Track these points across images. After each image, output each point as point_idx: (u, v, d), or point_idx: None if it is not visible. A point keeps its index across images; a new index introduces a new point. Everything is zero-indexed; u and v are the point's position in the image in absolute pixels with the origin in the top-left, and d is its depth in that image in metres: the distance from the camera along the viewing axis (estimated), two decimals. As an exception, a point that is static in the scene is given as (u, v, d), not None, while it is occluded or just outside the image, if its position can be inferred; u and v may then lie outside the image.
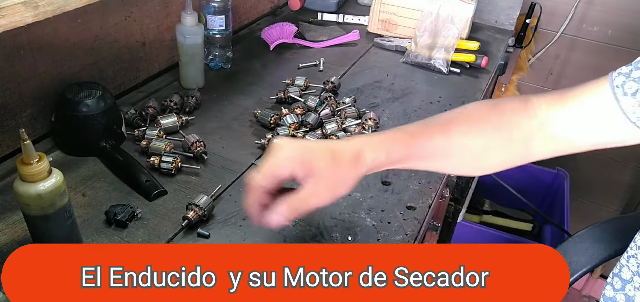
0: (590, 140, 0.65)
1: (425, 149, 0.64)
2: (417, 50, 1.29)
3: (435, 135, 0.65)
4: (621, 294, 0.75)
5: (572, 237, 1.01)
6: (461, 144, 0.66)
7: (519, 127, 0.66)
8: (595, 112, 0.63)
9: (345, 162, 0.59)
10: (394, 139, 0.63)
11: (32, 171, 0.58)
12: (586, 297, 2.23)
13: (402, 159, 0.63)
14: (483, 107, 0.69)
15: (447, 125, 0.66)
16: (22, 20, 0.65)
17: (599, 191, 1.98)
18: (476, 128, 0.66)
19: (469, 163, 0.68)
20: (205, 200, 0.74)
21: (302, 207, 0.58)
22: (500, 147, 0.67)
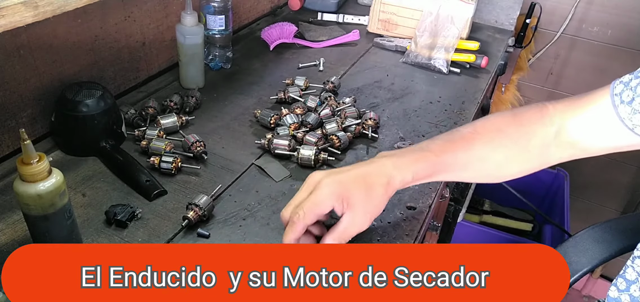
0: (599, 146, 0.69)
1: (449, 165, 0.69)
2: (417, 50, 1.29)
3: (458, 150, 0.70)
4: (626, 295, 0.75)
5: (572, 237, 1.01)
6: (482, 157, 0.70)
7: (536, 136, 0.70)
8: (599, 119, 0.66)
9: (378, 189, 0.65)
10: (419, 159, 0.68)
11: (32, 171, 0.58)
12: (586, 297, 2.23)
13: (427, 176, 0.69)
14: (502, 120, 0.73)
15: (469, 141, 0.70)
16: (22, 20, 0.65)
17: (599, 191, 1.98)
18: (497, 141, 0.71)
19: (489, 174, 0.73)
20: (205, 200, 0.74)
21: (344, 236, 0.65)
22: (519, 157, 0.72)
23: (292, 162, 0.89)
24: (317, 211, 0.63)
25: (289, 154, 0.88)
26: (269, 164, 0.88)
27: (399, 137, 0.99)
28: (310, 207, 0.63)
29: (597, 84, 0.69)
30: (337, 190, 0.63)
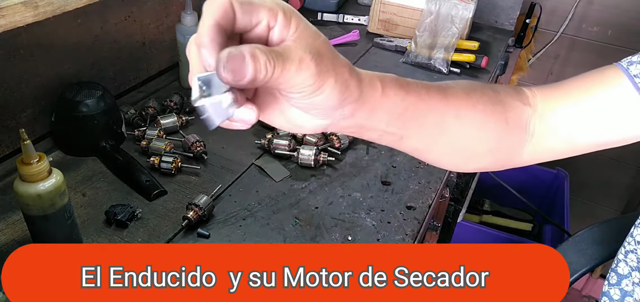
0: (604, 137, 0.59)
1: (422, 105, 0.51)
2: (417, 50, 1.29)
3: (434, 94, 0.52)
4: (615, 289, 0.75)
5: (572, 237, 1.01)
6: (458, 114, 0.54)
7: (514, 110, 0.58)
8: (615, 107, 0.57)
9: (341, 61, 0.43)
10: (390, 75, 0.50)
11: (32, 171, 0.58)
12: (586, 297, 2.23)
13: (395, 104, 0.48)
14: (479, 84, 0.58)
15: (444, 90, 0.53)
16: (22, 20, 0.65)
17: (599, 191, 1.98)
18: (474, 98, 0.55)
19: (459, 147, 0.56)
20: (205, 200, 0.74)
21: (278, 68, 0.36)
22: (496, 129, 0.57)
23: (292, 162, 0.89)
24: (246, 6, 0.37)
25: (289, 154, 0.88)
26: (269, 164, 0.88)
27: (399, 137, 0.99)
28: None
29: None
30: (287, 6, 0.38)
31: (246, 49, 0.35)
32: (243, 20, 0.38)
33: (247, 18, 0.38)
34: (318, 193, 0.82)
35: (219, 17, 0.37)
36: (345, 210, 0.79)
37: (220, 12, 0.37)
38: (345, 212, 0.79)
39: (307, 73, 0.38)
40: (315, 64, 0.39)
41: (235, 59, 0.35)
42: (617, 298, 0.75)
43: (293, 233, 0.74)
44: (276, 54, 0.36)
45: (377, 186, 0.85)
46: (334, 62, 0.42)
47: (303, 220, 0.76)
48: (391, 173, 0.88)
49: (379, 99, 0.47)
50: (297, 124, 0.44)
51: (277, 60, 0.36)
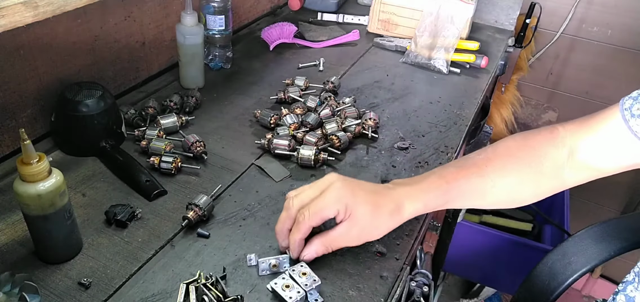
0: (614, 165, 0.68)
1: (461, 192, 0.68)
2: (417, 50, 1.29)
3: (471, 176, 0.68)
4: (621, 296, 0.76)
5: (572, 237, 1.01)
6: (496, 183, 0.69)
7: (548, 158, 0.70)
8: (611, 137, 0.66)
9: (384, 214, 0.65)
10: (431, 187, 0.67)
11: (32, 171, 0.58)
12: (586, 297, 2.23)
13: (439, 205, 0.68)
14: (513, 143, 0.73)
15: (481, 167, 0.69)
16: (22, 20, 0.65)
17: (599, 191, 1.98)
18: (509, 166, 0.70)
19: (503, 200, 0.71)
20: (205, 200, 0.74)
21: (332, 245, 0.66)
22: (533, 181, 0.71)
23: (292, 162, 0.89)
24: (321, 215, 0.63)
25: (289, 154, 0.88)
26: (269, 164, 0.88)
27: (399, 137, 0.99)
28: (316, 211, 0.63)
29: (597, 84, 0.69)
30: (345, 198, 0.63)
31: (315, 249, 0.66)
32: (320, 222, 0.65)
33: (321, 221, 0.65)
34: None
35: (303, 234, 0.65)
36: (345, 210, 0.79)
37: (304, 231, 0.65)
38: (345, 212, 0.79)
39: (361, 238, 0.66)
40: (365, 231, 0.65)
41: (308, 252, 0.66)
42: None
43: (293, 233, 0.74)
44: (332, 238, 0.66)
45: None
46: (375, 224, 0.65)
47: (303, 220, 0.76)
48: (391, 173, 0.88)
49: (422, 210, 0.67)
50: None
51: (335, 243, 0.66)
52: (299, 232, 0.64)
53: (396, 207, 0.65)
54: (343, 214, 0.63)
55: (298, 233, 0.64)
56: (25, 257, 0.67)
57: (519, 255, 1.66)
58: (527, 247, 1.65)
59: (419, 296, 0.81)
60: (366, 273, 0.68)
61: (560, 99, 1.88)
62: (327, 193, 0.64)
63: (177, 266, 0.67)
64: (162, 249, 0.70)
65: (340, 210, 0.63)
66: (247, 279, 0.66)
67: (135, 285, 0.64)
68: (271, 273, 0.67)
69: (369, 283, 0.67)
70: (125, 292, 0.63)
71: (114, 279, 0.65)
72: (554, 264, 0.99)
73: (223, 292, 0.62)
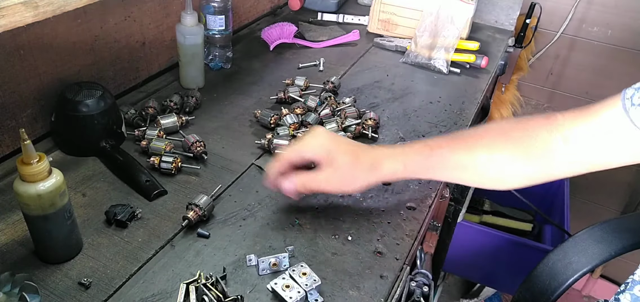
0: (608, 158, 0.66)
1: (445, 162, 0.69)
2: (417, 50, 1.29)
3: (458, 149, 0.69)
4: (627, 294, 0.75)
5: (572, 237, 1.01)
6: (483, 159, 0.69)
7: (540, 140, 0.68)
8: (608, 126, 0.64)
9: (363, 167, 0.68)
10: (413, 151, 0.69)
11: (32, 171, 0.58)
12: (586, 297, 2.23)
13: (420, 170, 0.69)
14: (506, 124, 0.72)
15: (471, 142, 0.69)
16: (22, 20, 0.65)
17: (599, 191, 1.98)
18: (499, 142, 0.69)
19: (491, 177, 0.71)
20: (205, 200, 0.74)
21: (311, 185, 0.69)
22: (522, 161, 0.69)
23: (292, 162, 0.89)
24: (301, 153, 0.69)
25: (289, 154, 0.88)
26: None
27: (399, 137, 0.99)
28: (298, 148, 0.69)
29: (597, 84, 0.68)
30: (327, 144, 0.68)
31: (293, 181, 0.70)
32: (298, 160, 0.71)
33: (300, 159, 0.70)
34: (318, 193, 0.82)
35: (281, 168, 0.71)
36: (345, 210, 0.79)
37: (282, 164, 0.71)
38: (345, 212, 0.79)
39: (336, 186, 0.70)
40: (341, 181, 0.68)
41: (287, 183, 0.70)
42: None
43: (293, 233, 0.74)
44: (311, 179, 0.69)
45: (377, 186, 0.85)
46: (354, 174, 0.67)
47: (303, 220, 0.76)
48: (391, 173, 0.88)
49: (402, 175, 0.70)
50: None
51: (312, 184, 0.69)
52: (276, 162, 0.70)
53: (375, 163, 0.68)
54: (323, 159, 0.68)
55: (275, 163, 0.70)
56: (25, 257, 0.67)
57: (519, 255, 1.66)
58: (527, 247, 1.65)
59: (419, 296, 0.81)
60: (366, 273, 0.68)
61: (560, 99, 1.88)
62: (312, 137, 0.69)
63: (177, 266, 0.67)
64: (162, 249, 0.70)
65: (321, 155, 0.68)
66: (247, 279, 0.66)
67: (135, 285, 0.64)
68: (271, 273, 0.67)
69: (369, 283, 0.67)
70: (125, 292, 0.63)
71: (114, 279, 0.65)
72: (554, 264, 0.99)
73: (223, 292, 0.62)
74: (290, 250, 0.69)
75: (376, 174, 0.68)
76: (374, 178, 0.69)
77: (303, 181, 0.69)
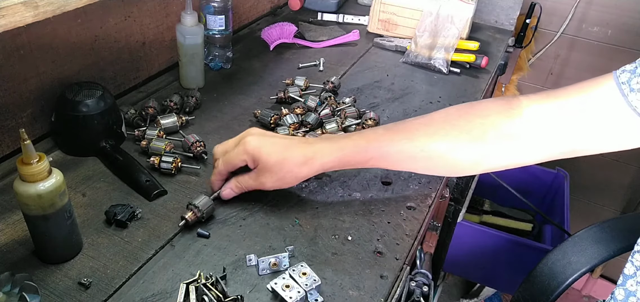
0: (604, 145, 0.63)
1: (384, 154, 0.70)
2: (417, 50, 1.29)
3: (398, 141, 0.69)
4: (621, 290, 0.75)
5: (572, 237, 1.01)
6: (425, 148, 0.69)
7: (495, 128, 0.66)
8: (600, 110, 0.61)
9: (294, 161, 0.69)
10: (349, 145, 0.70)
11: (32, 171, 0.58)
12: (586, 297, 2.23)
13: (358, 162, 0.71)
14: (454, 111, 0.71)
15: (413, 132, 0.70)
16: (22, 20, 0.65)
17: (599, 191, 1.98)
18: (442, 132, 0.69)
19: (438, 166, 0.72)
20: (204, 201, 0.74)
21: (244, 186, 0.74)
22: (471, 149, 0.68)
23: (292, 162, 0.89)
24: (232, 163, 0.72)
25: (289, 154, 0.88)
26: (269, 164, 0.88)
27: (399, 137, 0.99)
28: (227, 161, 0.73)
29: None
30: (252, 151, 0.70)
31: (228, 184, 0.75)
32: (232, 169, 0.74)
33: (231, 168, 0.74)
34: (318, 193, 0.82)
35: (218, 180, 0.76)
36: (345, 210, 0.79)
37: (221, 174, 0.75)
38: (345, 212, 0.79)
39: (269, 184, 0.72)
40: (272, 179, 0.71)
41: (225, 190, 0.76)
42: (621, 298, 0.75)
43: (293, 233, 0.74)
44: (244, 180, 0.74)
45: (377, 186, 0.85)
46: (284, 170, 0.70)
47: (303, 220, 0.76)
48: (391, 173, 0.88)
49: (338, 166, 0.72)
50: None
51: (246, 185, 0.74)
52: (215, 175, 0.75)
53: (307, 158, 0.70)
54: (251, 163, 0.71)
55: (215, 176, 0.75)
56: (25, 257, 0.67)
57: (519, 255, 1.66)
58: (527, 247, 1.65)
59: (419, 296, 0.81)
60: (366, 273, 0.68)
61: (560, 99, 1.88)
62: (239, 146, 0.71)
63: (177, 265, 0.67)
64: (162, 249, 0.70)
65: (248, 160, 0.71)
66: (247, 279, 0.66)
67: (135, 285, 0.64)
68: (271, 273, 0.67)
69: (369, 283, 0.67)
70: (125, 292, 0.63)
71: (114, 279, 0.65)
72: (554, 264, 0.99)
73: (223, 292, 0.62)
74: (290, 250, 0.69)
75: (308, 168, 0.70)
76: (306, 171, 0.70)
77: (239, 182, 0.74)
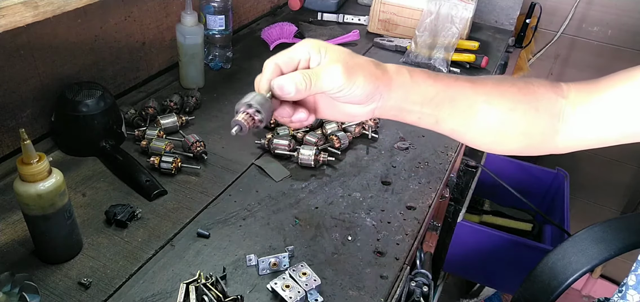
0: (628, 129, 0.61)
1: (451, 95, 0.60)
2: (417, 50, 1.29)
3: (464, 86, 0.61)
4: (633, 275, 0.75)
5: (572, 237, 1.00)
6: (488, 100, 0.62)
7: (546, 99, 0.63)
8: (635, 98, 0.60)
9: (364, 59, 0.56)
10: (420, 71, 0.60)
11: (32, 171, 0.58)
12: (586, 297, 2.23)
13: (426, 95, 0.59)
14: (509, 77, 0.66)
15: (477, 83, 0.62)
16: (22, 20, 0.65)
17: (599, 191, 1.98)
18: (504, 89, 0.62)
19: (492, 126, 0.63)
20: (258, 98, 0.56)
21: (313, 79, 0.54)
22: (525, 115, 0.63)
23: (292, 162, 0.89)
24: (291, 54, 0.56)
25: (289, 154, 0.88)
26: (269, 164, 0.88)
27: (399, 137, 0.99)
28: (286, 52, 0.56)
29: None
30: (317, 42, 0.56)
31: (289, 75, 0.55)
32: (287, 69, 0.56)
33: (290, 68, 0.56)
34: (318, 193, 0.82)
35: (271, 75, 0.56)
36: (345, 210, 0.79)
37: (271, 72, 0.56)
38: (345, 212, 0.79)
39: (338, 75, 0.53)
40: (343, 67, 0.54)
41: (282, 79, 0.55)
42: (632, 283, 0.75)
43: (293, 233, 0.74)
44: (311, 71, 0.55)
45: (377, 185, 0.85)
46: (358, 62, 0.55)
47: (303, 220, 0.76)
48: (391, 173, 0.88)
49: (409, 84, 0.58)
50: (350, 113, 0.59)
51: (312, 75, 0.54)
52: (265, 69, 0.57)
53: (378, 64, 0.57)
54: (317, 53, 0.55)
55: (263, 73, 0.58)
56: (25, 257, 0.67)
57: (519, 255, 1.66)
58: (527, 247, 1.65)
59: (419, 296, 0.81)
60: (366, 273, 0.68)
61: (560, 99, 1.88)
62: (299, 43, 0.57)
63: (177, 265, 0.67)
64: (162, 249, 0.70)
65: (312, 50, 0.55)
66: (247, 279, 0.66)
67: (135, 285, 0.64)
68: (271, 273, 0.67)
69: (369, 283, 0.67)
70: (125, 292, 0.63)
71: (114, 279, 0.65)
72: (554, 264, 0.99)
73: (223, 292, 0.62)
74: (290, 250, 0.69)
75: (381, 68, 0.57)
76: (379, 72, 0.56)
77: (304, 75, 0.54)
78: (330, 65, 0.54)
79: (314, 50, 0.55)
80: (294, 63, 0.56)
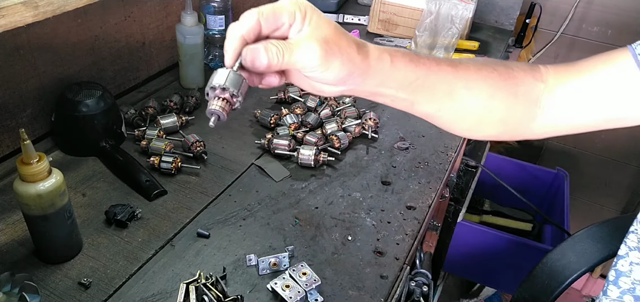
0: (607, 114, 0.62)
1: (432, 76, 0.58)
2: (417, 50, 1.29)
3: (443, 70, 0.59)
4: (613, 270, 0.75)
5: (572, 237, 1.01)
6: (467, 86, 0.60)
7: (524, 84, 0.63)
8: (616, 82, 0.61)
9: (348, 36, 0.52)
10: (401, 53, 0.57)
11: (32, 171, 0.58)
12: (586, 297, 2.23)
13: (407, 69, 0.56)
14: (492, 61, 0.65)
15: (457, 67, 0.61)
16: (22, 20, 0.65)
17: (599, 191, 1.98)
18: (485, 73, 0.61)
19: (473, 111, 0.62)
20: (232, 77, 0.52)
21: (286, 55, 0.49)
22: (505, 100, 0.62)
23: (292, 162, 0.89)
24: (276, 10, 0.50)
25: (289, 154, 0.88)
26: (269, 164, 0.88)
27: (399, 137, 0.99)
28: (269, 9, 0.50)
29: None
30: (305, 5, 0.50)
31: (262, 44, 0.49)
32: (268, 28, 0.50)
33: (271, 26, 0.50)
34: (318, 193, 0.82)
35: (245, 34, 0.50)
36: (345, 210, 0.79)
37: (248, 28, 0.50)
38: (345, 212, 0.79)
39: (314, 56, 0.49)
40: (321, 49, 0.49)
41: (255, 51, 0.49)
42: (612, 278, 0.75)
43: (293, 233, 0.74)
44: (286, 45, 0.49)
45: (377, 186, 0.85)
46: (340, 44, 0.50)
47: (303, 220, 0.77)
48: (391, 173, 0.88)
49: (388, 70, 0.55)
50: (318, 89, 0.54)
51: (286, 49, 0.49)
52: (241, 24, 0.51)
53: (359, 43, 0.53)
54: (301, 23, 0.49)
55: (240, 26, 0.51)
56: (25, 257, 0.67)
57: (519, 255, 1.66)
58: (527, 247, 1.65)
59: (419, 296, 0.81)
60: (366, 273, 0.68)
61: (560, 99, 1.88)
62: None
63: (177, 265, 0.67)
64: (162, 249, 0.70)
65: (299, 16, 0.49)
66: (247, 279, 0.66)
67: (135, 285, 0.64)
68: (271, 273, 0.67)
69: (368, 283, 0.67)
70: (125, 292, 0.63)
71: (114, 279, 0.65)
72: (554, 264, 0.99)
73: (223, 292, 0.62)
74: (290, 250, 0.69)
75: (363, 48, 0.53)
76: (361, 51, 0.52)
77: (279, 46, 0.49)
78: (308, 42, 0.49)
79: (299, 14, 0.49)
80: (276, 23, 0.50)
